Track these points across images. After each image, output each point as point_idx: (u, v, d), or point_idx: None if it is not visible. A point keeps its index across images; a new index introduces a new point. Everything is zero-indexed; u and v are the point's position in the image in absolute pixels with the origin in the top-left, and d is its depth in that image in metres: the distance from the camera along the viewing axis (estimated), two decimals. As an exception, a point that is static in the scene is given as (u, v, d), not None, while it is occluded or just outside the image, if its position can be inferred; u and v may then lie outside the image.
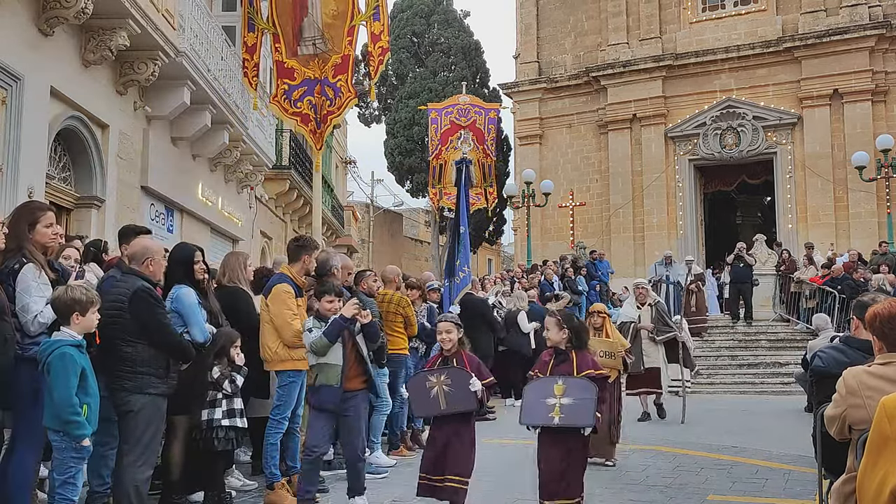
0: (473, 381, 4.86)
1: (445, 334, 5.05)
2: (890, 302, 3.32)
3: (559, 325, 4.87)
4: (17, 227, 4.50)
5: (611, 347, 7.32)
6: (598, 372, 4.81)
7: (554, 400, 4.58)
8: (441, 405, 4.89)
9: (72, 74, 9.10)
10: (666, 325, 10.23)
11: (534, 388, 4.76)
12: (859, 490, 2.45)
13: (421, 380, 5.05)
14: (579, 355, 4.84)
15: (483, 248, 35.98)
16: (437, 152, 16.73)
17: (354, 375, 5.33)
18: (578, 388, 4.59)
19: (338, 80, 9.67)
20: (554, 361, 4.85)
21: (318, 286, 5.67)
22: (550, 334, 4.90)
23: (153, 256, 4.78)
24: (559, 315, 4.94)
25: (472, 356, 5.06)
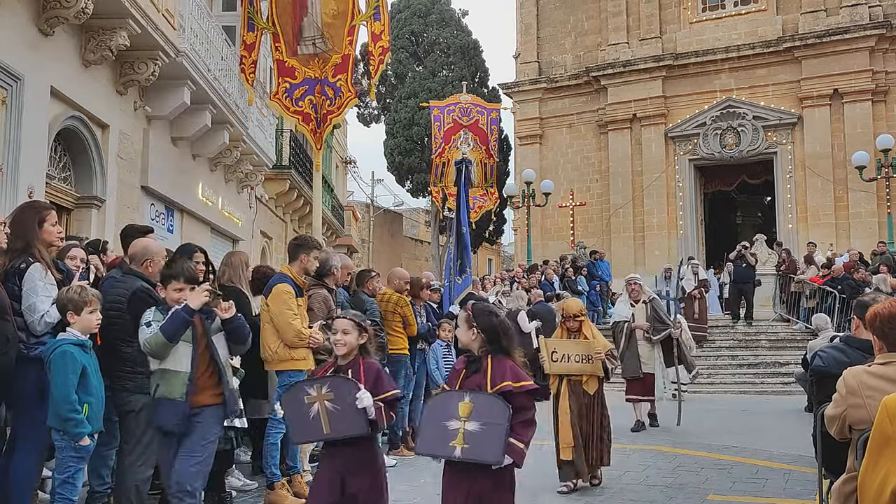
0: (361, 395, 3.55)
1: (341, 335, 3.78)
2: (890, 302, 3.32)
3: (468, 323, 3.69)
4: (25, 225, 4.49)
5: (587, 349, 6.22)
6: (520, 384, 3.51)
7: (457, 423, 3.40)
8: (324, 428, 3.62)
9: (72, 74, 9.10)
10: (662, 322, 9.52)
11: (435, 407, 3.59)
12: (860, 490, 2.45)
13: (297, 393, 3.73)
14: (495, 362, 3.59)
15: (483, 248, 35.98)
16: (441, 150, 16.71)
17: (205, 387, 4.23)
18: (487, 409, 3.40)
19: (338, 80, 9.66)
20: (466, 372, 3.67)
21: (164, 268, 4.54)
22: (459, 334, 3.79)
23: (153, 257, 4.78)
24: (472, 309, 3.75)
25: (372, 364, 3.84)
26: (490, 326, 3.66)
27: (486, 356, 3.62)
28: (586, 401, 6.23)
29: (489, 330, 3.66)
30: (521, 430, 3.47)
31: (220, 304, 4.30)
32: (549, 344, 6.27)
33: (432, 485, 6.39)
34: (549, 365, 6.17)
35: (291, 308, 5.67)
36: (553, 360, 6.16)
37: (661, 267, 19.22)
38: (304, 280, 5.93)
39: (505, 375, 3.53)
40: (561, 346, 6.25)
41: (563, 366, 6.16)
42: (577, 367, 6.15)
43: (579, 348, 6.22)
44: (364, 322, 3.91)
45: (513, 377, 3.54)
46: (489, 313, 3.72)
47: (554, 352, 6.17)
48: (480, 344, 3.65)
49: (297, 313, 5.71)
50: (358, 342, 3.82)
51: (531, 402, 3.58)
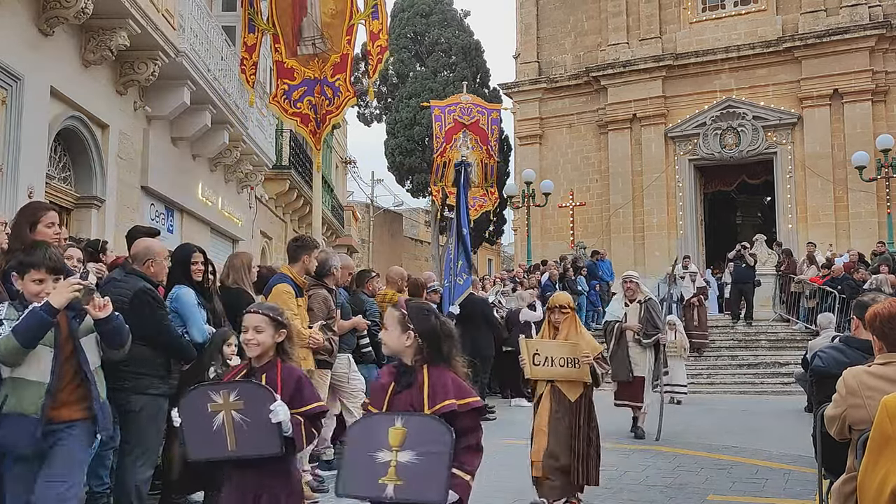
0: (276, 406, 2.98)
1: (252, 333, 3.17)
2: (890, 302, 3.32)
3: (402, 324, 3.00)
4: (20, 227, 4.52)
5: (572, 352, 5.41)
6: (466, 402, 2.88)
7: (388, 455, 2.74)
8: (228, 444, 3.02)
9: (72, 74, 9.10)
10: (655, 326, 8.86)
11: (357, 434, 2.89)
12: (860, 490, 2.45)
13: (199, 399, 3.09)
14: (434, 375, 2.93)
15: (483, 248, 35.98)
16: (442, 150, 16.72)
17: (70, 401, 3.52)
18: (425, 435, 2.74)
19: (336, 80, 9.66)
20: (395, 386, 2.98)
21: (22, 255, 3.76)
22: (387, 338, 3.05)
23: (154, 258, 4.78)
24: (408, 308, 3.07)
25: (293, 369, 3.23)
26: (429, 329, 2.98)
27: (423, 367, 2.94)
28: (568, 409, 5.45)
29: (428, 333, 2.97)
30: (467, 458, 2.86)
31: (93, 300, 3.56)
32: (531, 345, 5.56)
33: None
34: (530, 368, 5.50)
35: (291, 308, 5.66)
36: (535, 364, 5.49)
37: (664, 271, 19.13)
38: (304, 280, 5.93)
39: (447, 391, 2.88)
40: (544, 347, 5.51)
41: (546, 370, 5.46)
42: (562, 371, 5.40)
43: (565, 350, 5.44)
44: (282, 316, 3.27)
45: (456, 393, 2.89)
46: (428, 313, 3.07)
47: (536, 353, 5.48)
48: (416, 351, 2.97)
49: (297, 313, 5.71)
50: (274, 341, 3.21)
51: (477, 423, 2.96)
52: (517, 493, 5.98)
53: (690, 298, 15.76)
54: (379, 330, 7.21)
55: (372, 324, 7.09)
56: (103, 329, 3.64)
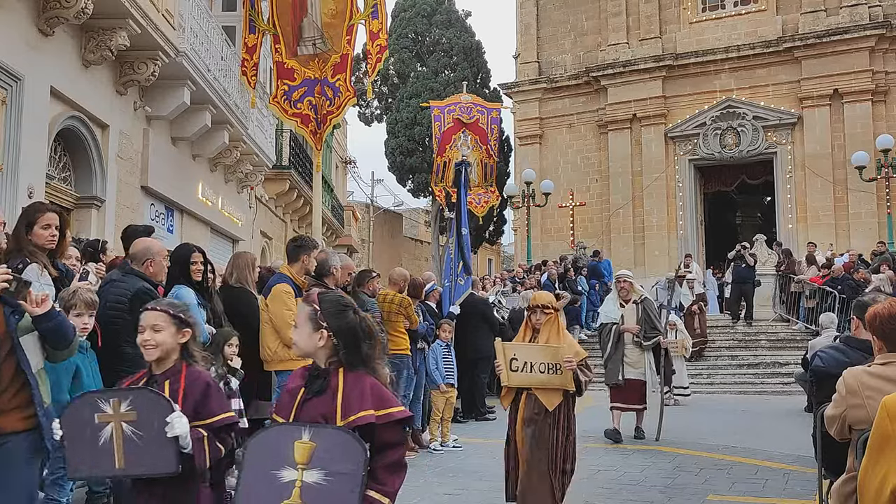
0: (173, 418, 2.62)
1: (149, 333, 2.80)
2: (890, 302, 3.32)
3: (314, 321, 2.61)
4: (17, 227, 4.53)
5: (554, 357, 4.83)
6: (386, 412, 2.50)
7: (292, 473, 2.37)
8: (116, 461, 2.63)
9: (72, 74, 9.10)
10: (654, 328, 8.54)
11: (259, 448, 2.45)
12: (860, 490, 2.45)
13: (84, 409, 2.71)
14: (351, 380, 2.54)
15: (483, 248, 35.98)
16: (441, 150, 16.73)
17: (9, 408, 3.03)
18: (336, 451, 2.36)
19: (337, 80, 9.66)
20: (305, 392, 2.59)
21: None
22: (298, 337, 2.65)
23: (154, 258, 4.78)
24: (321, 301, 2.65)
25: (199, 375, 2.85)
26: (346, 327, 2.59)
27: (338, 370, 2.54)
28: (543, 418, 4.88)
29: (344, 332, 2.58)
30: (387, 477, 2.51)
31: (29, 294, 3.11)
32: (508, 349, 4.98)
33: (433, 484, 6.40)
34: (506, 375, 4.95)
35: (290, 308, 5.67)
36: (512, 370, 4.92)
37: (664, 272, 19.08)
38: (303, 280, 5.94)
39: (363, 400, 2.48)
40: (523, 351, 4.93)
41: (524, 377, 4.89)
42: (541, 378, 4.84)
43: (546, 355, 4.86)
44: (185, 314, 2.90)
45: (375, 402, 2.49)
46: (345, 307, 2.65)
47: (514, 358, 4.90)
48: (330, 352, 2.58)
49: (297, 313, 5.70)
50: (177, 342, 2.85)
51: (400, 437, 2.59)
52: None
53: (690, 306, 15.62)
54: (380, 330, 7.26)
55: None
56: (43, 327, 3.16)
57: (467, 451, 7.91)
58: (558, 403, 4.89)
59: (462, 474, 6.64)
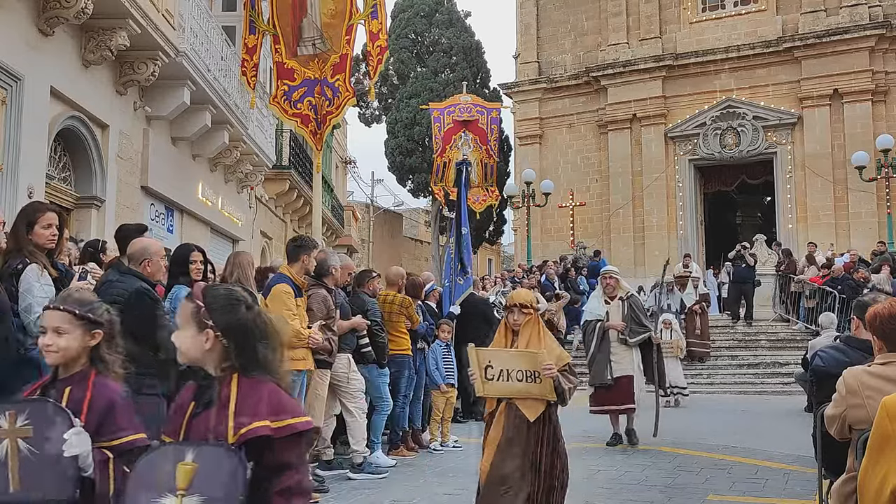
0: (71, 435, 2.30)
1: (51, 336, 2.46)
2: (890, 302, 3.32)
3: (198, 320, 2.19)
4: (17, 228, 4.52)
5: (533, 364, 4.28)
6: (284, 424, 2.10)
7: (171, 501, 2.01)
8: (10, 482, 2.30)
9: (72, 74, 9.10)
10: (640, 324, 8.24)
11: (141, 473, 2.07)
12: (860, 490, 2.45)
13: None
14: (246, 387, 2.15)
15: (483, 248, 35.98)
16: (441, 150, 16.74)
17: None
18: (213, 474, 1.99)
19: (336, 80, 9.66)
20: (194, 406, 2.20)
21: None
22: (181, 341, 2.22)
23: (151, 257, 4.77)
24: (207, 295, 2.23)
25: (107, 387, 2.48)
26: (238, 325, 2.18)
27: (231, 377, 2.15)
28: (525, 431, 4.32)
29: (236, 330, 2.17)
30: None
31: None
32: (483, 355, 4.39)
33: (433, 484, 6.40)
34: (481, 385, 4.37)
35: (290, 308, 5.67)
36: (487, 378, 4.35)
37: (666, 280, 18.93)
38: (303, 280, 5.94)
39: (258, 409, 2.08)
40: (499, 358, 4.37)
41: (500, 386, 4.34)
42: (519, 387, 4.30)
43: (523, 361, 4.31)
44: (95, 312, 2.53)
45: (272, 411, 2.09)
46: (237, 302, 2.22)
47: (489, 366, 4.35)
48: (221, 356, 2.17)
49: (296, 313, 5.71)
50: (85, 345, 2.48)
51: (299, 454, 2.14)
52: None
53: (693, 306, 15.26)
54: (380, 330, 7.28)
55: (373, 324, 7.10)
56: None
57: (467, 451, 7.91)
58: (540, 414, 4.33)
59: (462, 474, 6.64)
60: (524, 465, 4.25)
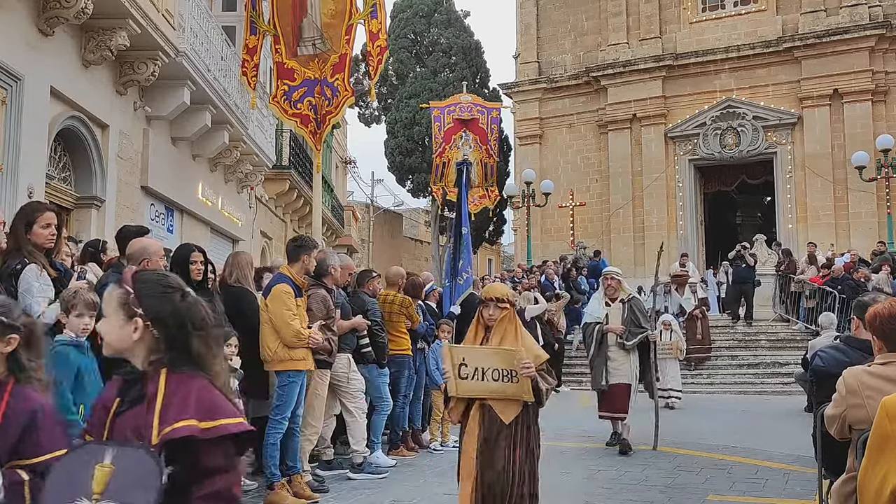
0: None
1: None
2: (890, 302, 3.32)
3: (126, 308, 2.01)
4: (16, 227, 4.51)
5: (509, 362, 4.03)
6: (213, 425, 1.90)
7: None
8: None
9: (72, 74, 9.10)
10: (639, 326, 7.96)
11: (58, 476, 1.88)
12: (860, 490, 2.45)
13: None
14: (174, 383, 1.95)
15: (483, 248, 35.98)
16: (441, 150, 16.73)
17: None
18: (130, 477, 1.81)
19: (335, 80, 9.66)
20: (118, 404, 2.01)
21: None
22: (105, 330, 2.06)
23: (150, 257, 4.77)
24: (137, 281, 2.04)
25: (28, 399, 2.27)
26: (170, 314, 1.99)
27: (160, 372, 1.97)
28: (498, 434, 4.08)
29: (168, 320, 1.99)
30: None
31: None
32: (456, 352, 4.19)
33: (433, 484, 6.40)
34: (454, 384, 4.14)
35: (290, 308, 5.67)
36: (461, 377, 4.12)
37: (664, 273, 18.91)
38: (303, 280, 5.94)
39: (185, 407, 1.89)
40: (473, 355, 4.14)
41: (474, 385, 4.10)
42: (495, 387, 4.06)
43: (500, 360, 4.05)
44: (10, 316, 2.29)
45: (199, 411, 1.90)
46: (171, 290, 2.05)
47: (462, 364, 4.12)
48: (150, 348, 2.00)
49: (296, 313, 5.71)
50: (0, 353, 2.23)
51: (229, 460, 1.94)
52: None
53: (693, 311, 15.23)
54: (380, 330, 7.28)
55: (373, 324, 7.10)
56: None
57: (467, 451, 7.90)
58: (516, 415, 4.09)
59: (462, 474, 6.63)
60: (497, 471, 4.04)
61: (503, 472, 4.03)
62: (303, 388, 5.84)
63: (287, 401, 5.70)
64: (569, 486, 6.36)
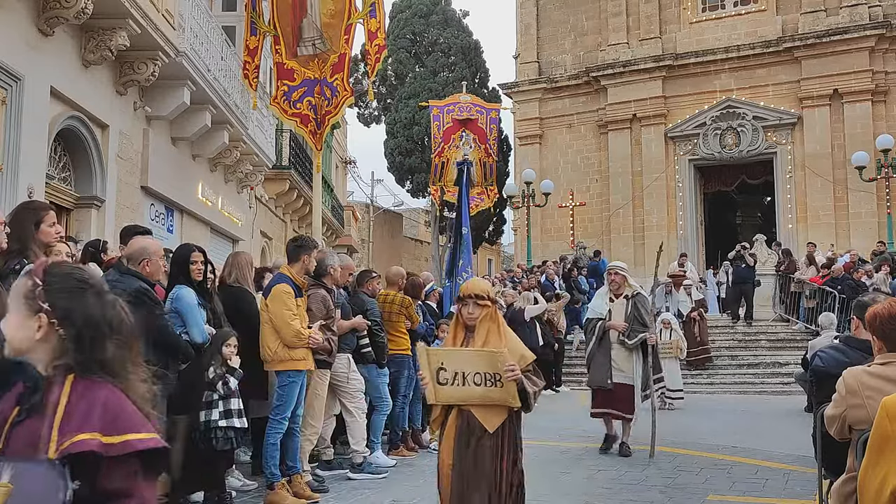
0: None
1: None
2: (890, 302, 3.32)
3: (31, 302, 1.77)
4: (22, 226, 4.49)
5: (491, 365, 3.59)
6: (118, 440, 1.66)
7: None
8: None
9: (72, 74, 9.10)
10: (643, 324, 7.65)
11: None
12: (860, 490, 2.45)
13: None
14: (80, 391, 1.71)
15: (483, 248, 35.99)
16: (440, 150, 16.74)
17: None
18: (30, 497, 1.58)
19: (335, 80, 9.67)
20: (18, 412, 1.73)
21: None
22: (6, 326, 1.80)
23: (150, 257, 4.77)
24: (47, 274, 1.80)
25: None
26: (81, 313, 1.76)
27: (65, 377, 1.73)
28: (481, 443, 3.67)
29: (78, 319, 1.75)
30: None
31: None
32: (434, 355, 3.75)
33: (433, 484, 6.40)
34: (433, 390, 3.70)
35: (290, 308, 5.67)
36: (440, 382, 3.68)
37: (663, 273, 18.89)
38: (303, 280, 5.94)
39: (89, 419, 1.67)
40: (453, 358, 3.70)
41: (455, 391, 3.67)
42: (478, 391, 3.63)
43: (482, 363, 3.61)
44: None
45: (106, 423, 1.67)
46: (83, 285, 1.80)
47: (441, 368, 3.67)
48: (55, 350, 1.76)
49: (296, 313, 5.71)
50: None
51: (136, 479, 1.69)
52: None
53: (690, 313, 14.79)
54: (380, 330, 7.28)
55: (373, 324, 7.10)
56: None
57: (467, 451, 7.89)
58: (501, 423, 3.69)
59: (462, 474, 6.63)
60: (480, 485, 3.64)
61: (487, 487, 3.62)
62: (303, 388, 5.84)
63: (287, 401, 5.70)
64: (569, 486, 6.36)
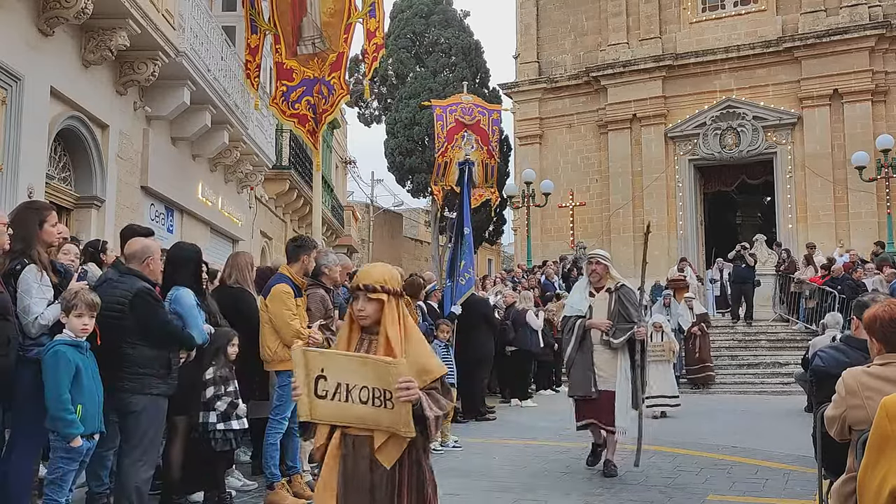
0: None
1: None
2: (890, 304, 3.32)
3: None
4: (26, 226, 4.49)
5: (381, 379, 2.67)
6: None
7: None
8: None
9: (72, 74, 9.10)
10: (629, 320, 6.56)
11: None
12: (860, 490, 2.45)
13: None
14: None
15: (483, 248, 35.97)
16: (444, 149, 16.74)
17: None
18: None
19: (332, 78, 9.67)
20: None
21: None
22: None
23: (153, 256, 4.77)
24: None
25: None
26: None
27: None
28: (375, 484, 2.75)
29: None
30: None
31: None
32: (313, 358, 2.83)
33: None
34: (307, 403, 2.78)
35: (290, 308, 5.68)
36: (318, 394, 2.77)
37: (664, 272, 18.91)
38: (303, 280, 5.94)
39: None
40: (335, 365, 2.78)
41: (335, 407, 2.75)
42: (362, 412, 2.71)
43: (371, 374, 2.69)
44: None
45: None
46: None
47: (321, 376, 2.77)
48: None
49: (296, 313, 5.71)
50: None
51: None
52: (519, 493, 5.99)
53: (691, 328, 14.29)
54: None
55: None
56: None
57: (467, 451, 7.91)
58: (402, 454, 2.74)
59: (462, 474, 6.64)
60: None
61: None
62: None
63: (287, 401, 5.70)
64: (569, 486, 6.36)
